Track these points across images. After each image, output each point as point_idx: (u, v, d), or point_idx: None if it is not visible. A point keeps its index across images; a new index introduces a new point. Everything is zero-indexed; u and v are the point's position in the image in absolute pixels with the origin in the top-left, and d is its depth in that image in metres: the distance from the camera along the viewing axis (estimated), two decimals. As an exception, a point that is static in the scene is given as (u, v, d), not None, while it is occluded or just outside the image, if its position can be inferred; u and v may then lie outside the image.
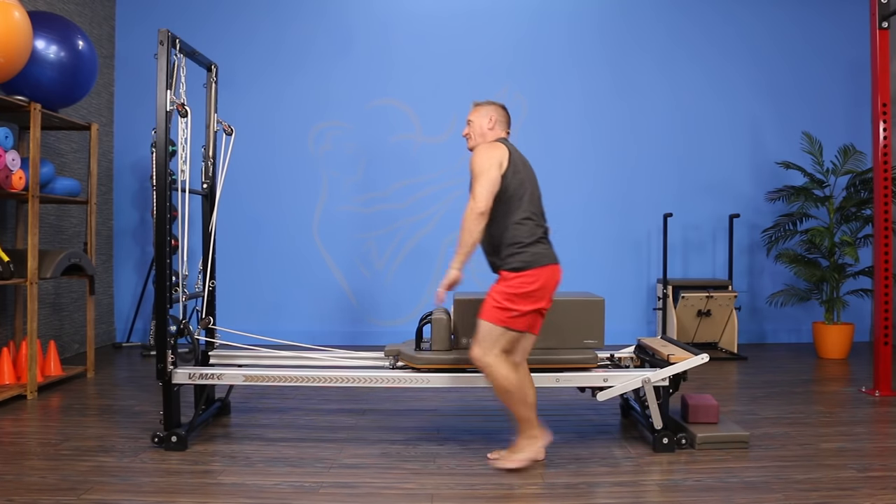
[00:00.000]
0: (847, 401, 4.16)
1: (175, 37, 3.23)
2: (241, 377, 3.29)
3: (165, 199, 3.22)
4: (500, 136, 3.10)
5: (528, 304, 2.87)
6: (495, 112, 3.10)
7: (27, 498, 2.61)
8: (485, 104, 3.13)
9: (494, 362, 2.87)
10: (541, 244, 2.93)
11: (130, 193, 6.32)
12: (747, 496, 2.65)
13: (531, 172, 3.03)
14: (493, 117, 3.08)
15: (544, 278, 2.89)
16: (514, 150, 3.00)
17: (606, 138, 6.36)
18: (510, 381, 2.87)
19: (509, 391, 2.88)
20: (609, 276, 6.31)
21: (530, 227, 2.92)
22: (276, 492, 2.71)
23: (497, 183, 2.86)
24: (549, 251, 2.95)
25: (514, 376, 2.88)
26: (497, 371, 2.87)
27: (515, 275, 2.88)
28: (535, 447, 2.96)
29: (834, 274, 5.59)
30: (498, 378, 2.87)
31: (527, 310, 2.87)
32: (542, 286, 2.88)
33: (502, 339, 2.88)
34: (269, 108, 6.28)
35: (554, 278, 2.94)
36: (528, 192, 2.94)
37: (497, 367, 2.87)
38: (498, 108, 3.12)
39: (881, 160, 4.33)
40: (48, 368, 4.58)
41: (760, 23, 6.40)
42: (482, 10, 6.34)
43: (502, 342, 2.89)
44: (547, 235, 3.01)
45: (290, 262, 6.24)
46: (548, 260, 2.91)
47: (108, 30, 6.18)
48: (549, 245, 2.98)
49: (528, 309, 2.87)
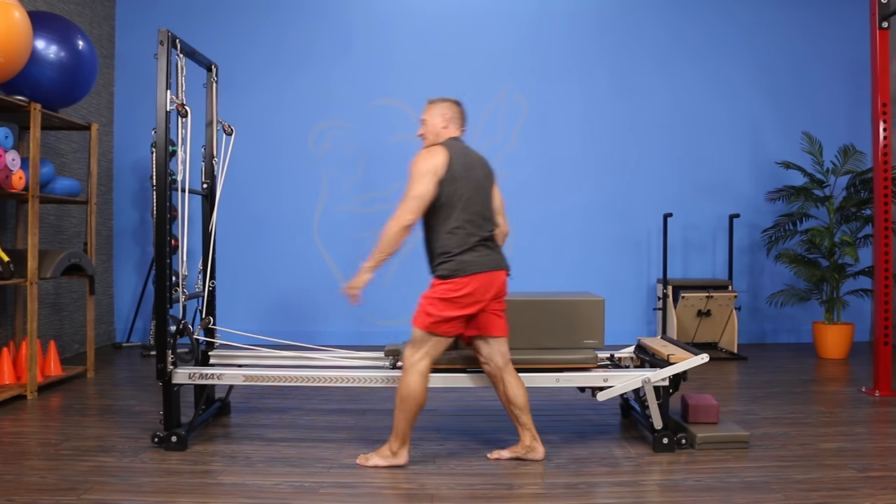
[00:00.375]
0: (847, 401, 4.16)
1: (175, 37, 3.23)
2: (241, 377, 3.29)
3: (165, 199, 3.22)
4: (453, 135, 3.05)
5: (452, 310, 2.88)
6: (449, 110, 3.06)
7: (27, 498, 2.61)
8: (438, 102, 3.10)
9: (412, 366, 2.92)
10: (472, 252, 2.90)
11: (130, 193, 6.32)
12: (747, 496, 2.65)
13: (476, 176, 2.96)
14: (446, 115, 3.05)
15: (473, 286, 2.87)
16: (458, 154, 2.94)
17: (606, 138, 6.36)
18: (412, 391, 2.90)
19: (405, 400, 2.91)
20: (609, 276, 6.31)
21: (461, 236, 2.90)
22: (276, 492, 2.71)
23: (428, 195, 2.86)
24: (482, 259, 2.91)
25: (419, 389, 2.91)
26: (409, 376, 2.92)
27: (441, 282, 2.92)
28: (389, 461, 2.97)
29: (834, 274, 5.59)
30: (407, 382, 2.92)
31: (451, 316, 2.89)
32: (469, 293, 2.87)
33: (427, 343, 2.92)
34: (269, 108, 6.28)
35: (490, 285, 2.91)
36: (465, 199, 2.90)
37: (411, 373, 2.92)
38: (451, 105, 3.08)
39: (881, 160, 4.33)
40: (48, 368, 4.57)
41: (760, 23, 6.40)
42: (482, 10, 6.34)
43: (428, 346, 2.93)
44: (488, 241, 2.96)
45: (291, 262, 6.24)
46: (477, 268, 2.88)
47: (108, 30, 6.18)
48: (485, 252, 2.93)
49: (453, 315, 2.88)
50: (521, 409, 3.05)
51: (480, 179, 2.99)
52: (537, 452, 3.05)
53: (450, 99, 3.11)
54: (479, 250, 2.93)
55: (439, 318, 2.89)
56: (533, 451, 3.05)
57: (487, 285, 2.92)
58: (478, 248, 2.92)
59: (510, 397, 3.04)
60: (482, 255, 2.92)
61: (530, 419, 3.06)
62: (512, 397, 3.04)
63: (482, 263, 2.91)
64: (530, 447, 3.05)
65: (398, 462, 2.97)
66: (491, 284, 2.93)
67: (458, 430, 3.52)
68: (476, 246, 2.92)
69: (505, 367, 3.05)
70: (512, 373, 3.06)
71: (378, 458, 2.99)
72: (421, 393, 2.92)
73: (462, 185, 2.91)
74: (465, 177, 2.92)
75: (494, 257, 2.97)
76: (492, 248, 2.99)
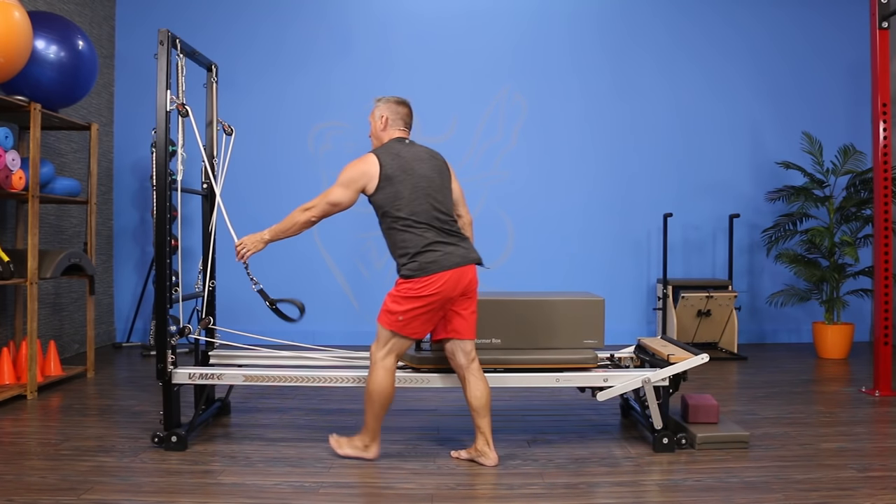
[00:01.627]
0: (847, 401, 4.16)
1: (175, 37, 3.23)
2: (241, 377, 3.29)
3: (165, 199, 3.22)
4: (395, 136, 3.04)
5: (414, 309, 2.88)
6: (387, 110, 3.04)
7: (27, 498, 2.61)
8: (381, 102, 3.08)
9: (377, 363, 2.96)
10: (432, 252, 2.87)
11: (130, 193, 6.32)
12: (747, 496, 2.65)
13: (421, 173, 2.93)
14: (384, 117, 3.04)
15: (437, 285, 2.85)
16: (393, 156, 2.92)
17: (606, 138, 6.36)
18: (378, 387, 2.94)
19: (372, 395, 2.96)
20: (609, 276, 6.31)
21: (414, 235, 2.88)
22: (276, 492, 2.71)
23: (343, 204, 2.94)
24: (444, 257, 2.87)
25: (385, 385, 2.95)
26: (375, 372, 2.97)
27: (403, 281, 2.92)
28: (359, 453, 3.03)
29: (834, 274, 5.59)
30: (373, 378, 2.97)
31: (412, 314, 2.88)
32: (434, 292, 2.86)
33: (390, 342, 2.95)
34: (269, 109, 6.28)
35: (457, 283, 2.89)
36: (406, 199, 2.88)
37: (377, 369, 2.96)
38: (391, 105, 3.05)
39: (881, 160, 4.33)
40: (48, 368, 4.57)
41: (760, 23, 6.40)
42: (482, 10, 6.34)
43: (391, 345, 2.95)
44: (449, 236, 2.93)
45: (290, 262, 6.24)
46: (438, 267, 2.85)
47: (108, 30, 6.18)
48: (447, 249, 2.89)
49: (414, 312, 2.88)
50: (477, 411, 2.98)
51: (427, 176, 2.95)
52: (488, 458, 2.98)
53: (393, 98, 3.09)
54: (439, 247, 2.89)
55: (402, 317, 2.90)
56: (483, 457, 2.99)
57: (454, 283, 2.89)
58: (437, 246, 2.89)
59: (468, 398, 3.00)
60: (443, 253, 2.88)
61: (487, 424, 2.99)
62: (470, 398, 2.99)
63: (444, 261, 2.87)
64: (481, 451, 3.00)
65: (368, 456, 3.02)
66: (458, 282, 2.90)
67: (458, 430, 3.52)
68: (434, 243, 2.89)
69: (468, 367, 3.00)
70: (475, 373, 3.00)
71: (349, 448, 3.04)
72: (387, 388, 2.95)
73: (400, 186, 2.89)
74: (402, 177, 2.90)
75: (460, 252, 2.93)
76: (455, 244, 2.94)
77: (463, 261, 2.91)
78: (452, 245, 2.93)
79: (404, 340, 2.96)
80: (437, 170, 3.02)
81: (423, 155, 3.02)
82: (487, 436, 3.00)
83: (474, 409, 2.99)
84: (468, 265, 2.94)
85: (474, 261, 2.98)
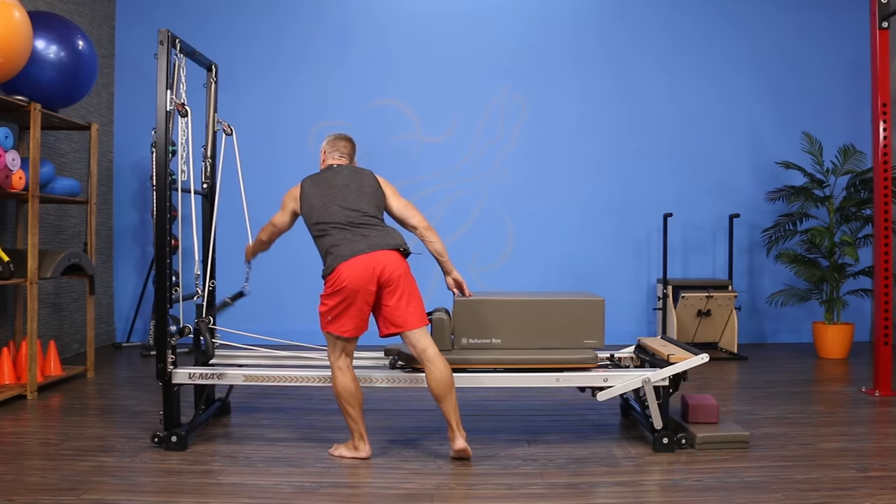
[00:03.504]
0: (847, 401, 4.16)
1: (175, 37, 3.23)
2: (241, 377, 3.29)
3: (165, 199, 3.22)
4: (329, 163, 3.29)
5: (335, 307, 2.99)
6: (326, 145, 3.35)
7: (27, 498, 2.61)
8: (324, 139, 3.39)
9: (332, 366, 3.07)
10: (336, 247, 3.01)
11: (130, 193, 6.32)
12: (747, 496, 2.65)
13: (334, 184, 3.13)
14: (323, 150, 3.35)
15: (344, 276, 2.95)
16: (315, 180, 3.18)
17: (606, 138, 6.36)
18: (340, 388, 3.03)
19: (339, 397, 3.05)
20: (609, 276, 6.31)
21: (324, 238, 3.06)
22: (276, 492, 2.71)
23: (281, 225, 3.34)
24: (345, 248, 2.98)
25: (345, 384, 3.02)
26: (333, 375, 3.07)
27: (324, 281, 3.06)
28: (353, 454, 3.08)
29: (834, 274, 5.59)
30: (333, 382, 3.06)
31: (335, 311, 2.99)
32: (343, 285, 2.95)
33: (335, 344, 3.05)
34: (269, 108, 6.28)
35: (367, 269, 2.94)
36: (317, 208, 3.10)
37: (333, 372, 3.06)
38: (330, 140, 3.35)
39: (881, 160, 4.33)
40: (48, 368, 4.57)
41: (760, 23, 6.40)
42: (482, 10, 6.34)
43: (336, 347, 3.05)
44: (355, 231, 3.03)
45: (291, 262, 6.24)
46: (340, 259, 2.97)
47: (108, 30, 6.18)
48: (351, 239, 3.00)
49: (336, 310, 2.99)
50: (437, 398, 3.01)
51: (338, 185, 3.14)
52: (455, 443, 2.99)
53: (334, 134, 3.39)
54: (342, 242, 3.01)
55: (329, 315, 3.01)
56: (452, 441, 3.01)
57: (362, 272, 2.94)
58: (341, 242, 3.01)
59: (428, 386, 3.04)
60: (346, 245, 2.99)
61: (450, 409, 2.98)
62: (429, 385, 3.03)
63: (347, 252, 2.97)
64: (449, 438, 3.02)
65: (360, 455, 3.07)
66: (367, 270, 2.95)
67: (458, 430, 3.51)
68: (339, 240, 3.02)
69: (421, 356, 3.04)
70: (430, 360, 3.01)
71: (344, 450, 3.12)
72: (349, 387, 3.03)
73: (314, 199, 3.12)
74: (315, 191, 3.14)
75: (369, 241, 3.00)
76: (364, 235, 3.03)
77: (368, 248, 2.98)
78: (360, 236, 3.02)
79: (343, 341, 3.04)
80: (354, 178, 3.19)
81: (345, 171, 3.22)
82: (451, 421, 3.01)
83: (434, 396, 3.02)
84: (375, 252, 2.98)
85: (388, 247, 3.02)
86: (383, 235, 3.05)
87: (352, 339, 3.06)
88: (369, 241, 3.01)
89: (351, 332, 3.02)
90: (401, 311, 3.02)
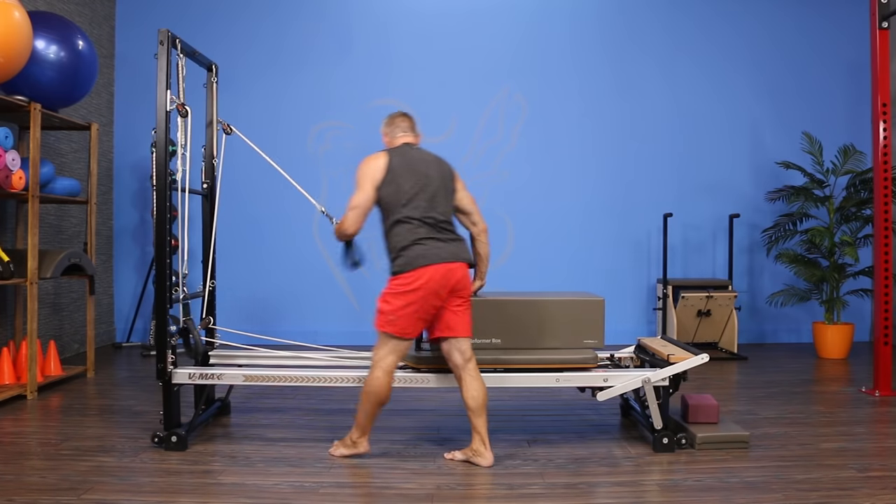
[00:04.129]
0: (847, 401, 4.16)
1: (175, 37, 3.23)
2: (241, 377, 3.29)
3: (165, 199, 3.22)
4: (402, 142, 3.17)
5: (405, 306, 2.91)
6: (385, 126, 3.25)
7: (27, 498, 2.61)
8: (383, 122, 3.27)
9: (377, 363, 2.99)
10: (421, 246, 2.93)
11: (130, 193, 6.32)
12: (747, 496, 2.65)
13: (425, 174, 3.02)
14: (385, 132, 3.24)
15: (424, 279, 2.89)
16: (400, 155, 3.04)
17: (606, 138, 6.36)
18: (375, 387, 2.97)
19: (368, 394, 2.99)
20: (609, 276, 6.31)
21: (407, 230, 2.95)
22: (276, 492, 2.71)
23: (368, 201, 3.01)
24: (432, 252, 2.93)
25: (381, 385, 2.98)
26: (374, 372, 3.00)
27: (393, 278, 2.97)
28: (351, 450, 3.08)
29: (834, 274, 5.59)
30: (371, 377, 3.00)
31: (403, 311, 2.91)
32: (420, 287, 2.89)
33: (388, 343, 2.97)
34: (269, 108, 6.28)
35: (445, 278, 2.92)
36: (408, 196, 2.96)
37: (376, 369, 2.99)
38: (387, 121, 3.24)
39: (881, 160, 4.33)
40: (48, 368, 4.57)
41: (760, 23, 6.40)
42: (482, 9, 6.34)
43: (389, 346, 2.97)
44: (441, 234, 2.99)
45: (291, 262, 6.24)
46: (426, 261, 2.91)
47: (108, 30, 6.18)
48: (437, 245, 2.95)
49: (405, 310, 2.91)
50: (474, 411, 3.00)
51: (429, 176, 3.03)
52: (484, 458, 2.99)
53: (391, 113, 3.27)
54: (428, 243, 2.95)
55: (391, 315, 2.93)
56: (479, 457, 3.00)
57: (441, 279, 2.92)
58: (426, 242, 2.94)
59: (465, 398, 3.02)
60: (433, 248, 2.94)
61: (483, 423, 3.01)
62: (467, 398, 3.01)
63: (433, 256, 2.92)
64: (477, 451, 3.01)
65: (359, 451, 3.07)
66: (446, 278, 2.93)
67: (458, 430, 3.52)
68: (424, 239, 2.95)
69: (464, 367, 3.03)
70: (471, 373, 3.03)
71: (342, 448, 3.10)
72: (383, 389, 2.98)
73: (402, 181, 2.98)
74: (405, 174, 2.99)
75: (450, 249, 2.98)
76: (446, 241, 3.00)
77: (452, 258, 2.96)
78: (443, 242, 2.98)
79: (401, 341, 2.98)
80: (440, 174, 3.09)
81: (430, 158, 3.11)
82: (483, 436, 3.01)
83: (471, 409, 3.00)
84: (457, 263, 2.98)
85: (464, 260, 3.02)
86: (461, 247, 3.04)
87: (409, 341, 3.02)
88: (450, 249, 2.98)
89: (412, 334, 2.99)
90: (459, 318, 3.02)
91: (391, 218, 3.00)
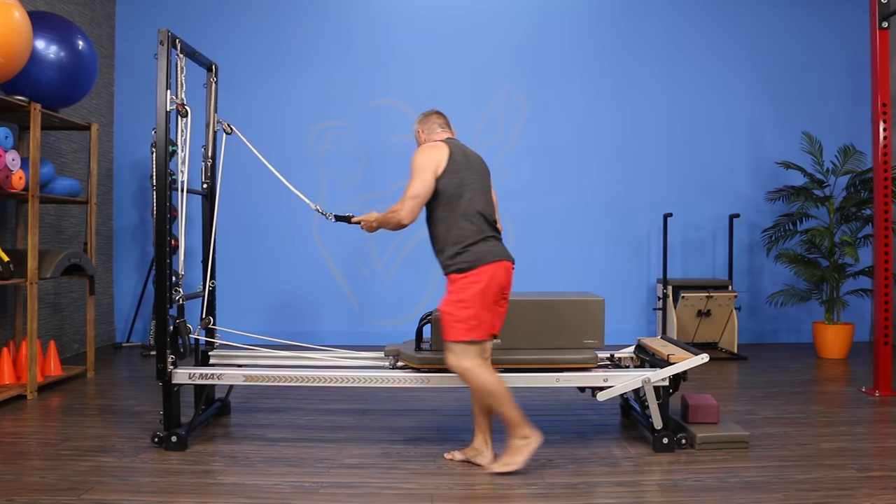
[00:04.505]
0: (847, 401, 4.16)
1: (175, 37, 3.23)
2: (241, 377, 3.29)
3: (165, 199, 3.22)
4: (446, 136, 3.10)
5: (480, 306, 2.81)
6: (419, 125, 3.17)
7: (27, 498, 2.61)
8: (416, 121, 3.19)
9: (471, 366, 2.83)
10: (486, 242, 2.89)
11: (130, 193, 6.32)
12: (747, 496, 2.65)
13: (477, 172, 2.98)
14: (421, 131, 3.15)
15: (490, 274, 2.84)
16: (457, 150, 2.97)
17: (607, 138, 6.36)
18: (491, 383, 2.83)
19: (493, 393, 2.83)
20: (609, 276, 6.31)
21: (476, 225, 2.88)
22: (276, 492, 2.71)
23: (429, 191, 2.87)
24: (496, 248, 2.90)
25: (495, 378, 2.86)
26: (476, 375, 2.83)
27: (461, 276, 2.84)
28: (530, 448, 2.87)
29: (834, 274, 5.59)
30: (480, 382, 2.83)
31: (483, 313, 2.82)
32: (488, 283, 2.83)
33: (469, 350, 2.84)
34: (269, 108, 6.28)
35: (502, 274, 2.89)
36: (471, 191, 2.90)
37: (475, 371, 2.83)
38: (421, 119, 3.17)
39: (881, 160, 4.33)
40: (48, 368, 4.57)
41: (760, 23, 6.40)
42: (483, 9, 6.34)
43: (470, 353, 2.84)
44: (495, 234, 2.98)
45: (290, 263, 6.24)
46: (494, 257, 2.87)
47: (108, 30, 6.18)
48: (496, 243, 2.93)
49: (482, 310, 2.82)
50: (484, 408, 2.99)
51: (481, 172, 3.02)
52: (485, 457, 2.97)
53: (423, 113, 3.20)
54: (491, 241, 2.93)
55: (475, 320, 2.80)
56: (480, 455, 2.98)
57: (504, 275, 2.90)
58: (490, 239, 2.93)
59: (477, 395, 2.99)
60: (496, 245, 2.93)
61: (488, 423, 3.01)
62: None
63: (498, 252, 2.90)
64: (478, 450, 3.00)
65: (535, 444, 2.87)
66: (505, 275, 2.91)
67: (458, 430, 3.52)
68: (489, 236, 2.93)
69: (484, 364, 2.99)
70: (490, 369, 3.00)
71: (517, 456, 2.87)
72: (494, 381, 2.84)
73: (465, 175, 2.92)
74: (466, 168, 2.94)
75: (504, 247, 2.97)
76: (499, 240, 3.00)
77: (508, 256, 2.95)
78: (497, 240, 2.97)
79: (481, 344, 2.88)
80: (486, 171, 3.08)
81: (475, 155, 3.08)
82: (487, 435, 3.01)
83: (482, 407, 2.99)
84: (509, 262, 2.96)
85: (512, 259, 2.99)
86: (505, 246, 3.01)
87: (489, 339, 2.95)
88: (504, 246, 2.97)
89: (495, 329, 2.94)
90: (500, 319, 3.00)
91: (454, 210, 2.88)
